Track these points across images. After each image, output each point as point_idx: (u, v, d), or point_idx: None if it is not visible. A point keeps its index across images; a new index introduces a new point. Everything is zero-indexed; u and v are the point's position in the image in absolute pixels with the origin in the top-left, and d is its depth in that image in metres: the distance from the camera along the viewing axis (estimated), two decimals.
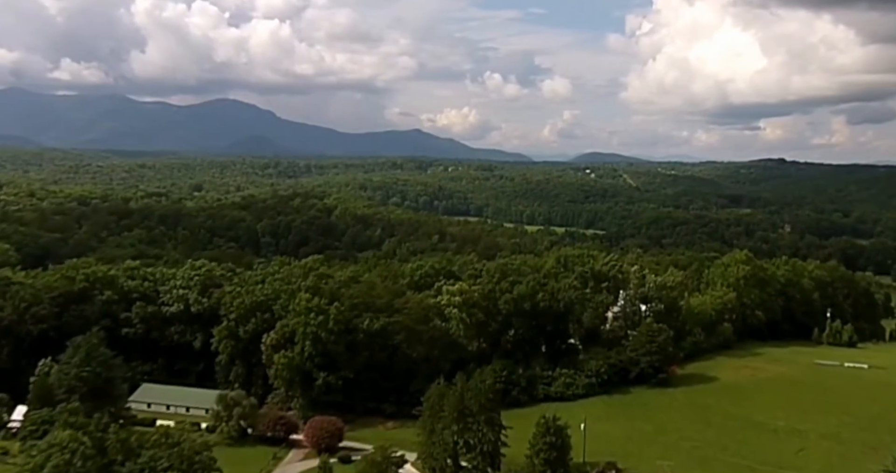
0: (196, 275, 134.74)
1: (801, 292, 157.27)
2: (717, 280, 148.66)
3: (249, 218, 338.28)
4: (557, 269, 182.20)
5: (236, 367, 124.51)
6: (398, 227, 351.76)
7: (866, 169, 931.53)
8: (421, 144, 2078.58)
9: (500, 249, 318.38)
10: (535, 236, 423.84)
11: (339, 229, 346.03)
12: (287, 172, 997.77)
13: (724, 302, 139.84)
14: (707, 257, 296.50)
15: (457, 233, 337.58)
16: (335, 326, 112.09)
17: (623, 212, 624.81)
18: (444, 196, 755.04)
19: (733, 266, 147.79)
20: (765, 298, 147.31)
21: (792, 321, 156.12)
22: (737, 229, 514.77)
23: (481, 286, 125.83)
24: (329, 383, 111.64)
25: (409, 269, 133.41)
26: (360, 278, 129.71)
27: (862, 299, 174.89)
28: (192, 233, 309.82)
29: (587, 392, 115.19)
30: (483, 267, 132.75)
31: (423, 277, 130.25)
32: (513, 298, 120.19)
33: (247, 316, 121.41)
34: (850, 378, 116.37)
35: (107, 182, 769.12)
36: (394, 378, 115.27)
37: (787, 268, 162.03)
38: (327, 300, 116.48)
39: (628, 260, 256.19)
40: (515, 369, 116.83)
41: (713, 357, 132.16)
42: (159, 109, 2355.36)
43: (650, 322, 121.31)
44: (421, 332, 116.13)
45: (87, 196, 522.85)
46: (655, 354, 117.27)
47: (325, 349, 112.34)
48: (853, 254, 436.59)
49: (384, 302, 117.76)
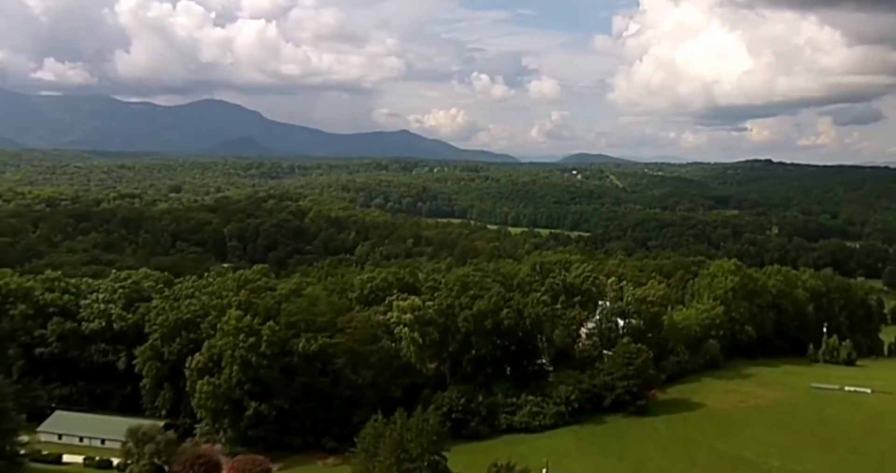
0: (120, 287, 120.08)
1: (794, 305, 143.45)
2: (704, 292, 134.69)
3: (217, 221, 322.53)
4: (533, 277, 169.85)
5: (164, 392, 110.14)
6: (373, 230, 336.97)
7: (853, 170, 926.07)
8: (408, 145, 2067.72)
9: (479, 253, 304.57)
10: (518, 238, 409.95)
11: (311, 233, 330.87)
12: (270, 174, 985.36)
13: (710, 317, 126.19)
14: (693, 261, 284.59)
15: (433, 237, 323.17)
16: (268, 348, 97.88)
17: (609, 213, 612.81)
18: (428, 197, 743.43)
19: (721, 277, 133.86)
20: (755, 311, 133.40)
21: (784, 336, 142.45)
22: (724, 231, 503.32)
23: (438, 301, 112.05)
24: (261, 413, 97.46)
25: (358, 281, 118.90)
26: (304, 291, 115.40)
27: (859, 310, 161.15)
28: (154, 237, 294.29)
29: (556, 422, 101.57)
30: (442, 279, 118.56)
31: (375, 290, 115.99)
32: (472, 315, 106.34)
33: (172, 335, 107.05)
34: (851, 406, 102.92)
35: (84, 183, 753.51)
36: (336, 407, 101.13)
37: (779, 278, 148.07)
38: (262, 318, 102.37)
39: (610, 266, 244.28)
40: (475, 395, 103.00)
41: (699, 379, 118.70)
42: (144, 110, 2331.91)
43: (628, 342, 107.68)
44: (367, 354, 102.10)
45: (56, 197, 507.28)
46: (633, 378, 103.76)
47: (256, 375, 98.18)
48: (843, 257, 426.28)
49: (325, 320, 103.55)
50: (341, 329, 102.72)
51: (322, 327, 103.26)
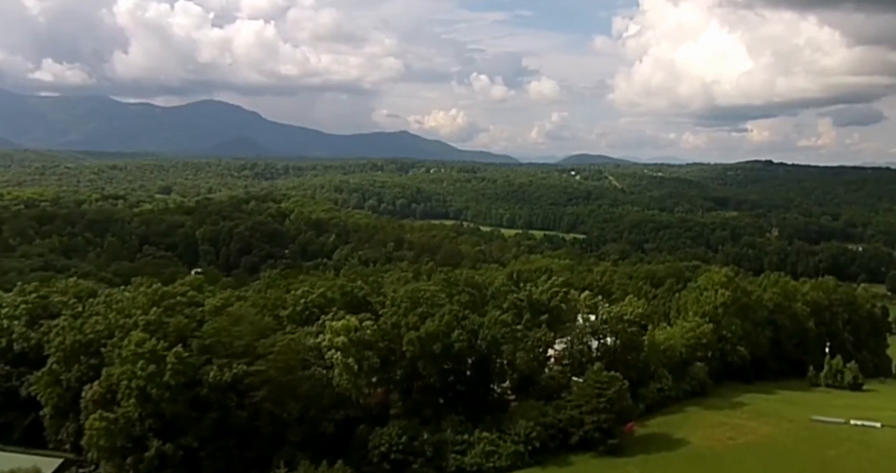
0: (23, 302, 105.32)
1: (792, 320, 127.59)
2: (690, 307, 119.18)
3: (190, 223, 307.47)
4: (508, 287, 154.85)
5: (67, 423, 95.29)
6: (353, 233, 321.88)
7: (853, 171, 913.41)
8: (408, 145, 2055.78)
9: (462, 258, 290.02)
10: (506, 242, 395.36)
11: (289, 236, 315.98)
12: (264, 174, 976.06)
13: (697, 336, 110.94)
14: (688, 266, 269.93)
15: (415, 240, 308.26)
16: (173, 378, 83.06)
17: (606, 215, 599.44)
18: (422, 199, 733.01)
19: (710, 290, 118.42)
20: (749, 329, 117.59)
21: (782, 356, 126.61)
22: (722, 233, 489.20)
23: (384, 319, 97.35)
24: (164, 454, 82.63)
25: (291, 297, 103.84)
26: (231, 307, 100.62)
27: (865, 324, 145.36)
28: (121, 240, 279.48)
29: (513, 463, 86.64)
30: (392, 294, 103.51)
31: (311, 307, 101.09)
32: (418, 337, 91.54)
33: (71, 359, 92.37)
34: (859, 445, 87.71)
35: (73, 184, 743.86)
36: (255, 446, 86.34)
37: (776, 290, 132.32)
38: (173, 341, 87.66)
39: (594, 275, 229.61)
40: (420, 432, 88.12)
41: (683, 408, 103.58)
42: (143, 111, 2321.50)
43: (599, 369, 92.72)
44: (292, 384, 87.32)
45: (35, 199, 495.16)
46: (604, 411, 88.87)
47: (158, 409, 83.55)
48: (845, 261, 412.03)
49: (244, 344, 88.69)
50: (262, 355, 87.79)
51: (240, 352, 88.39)
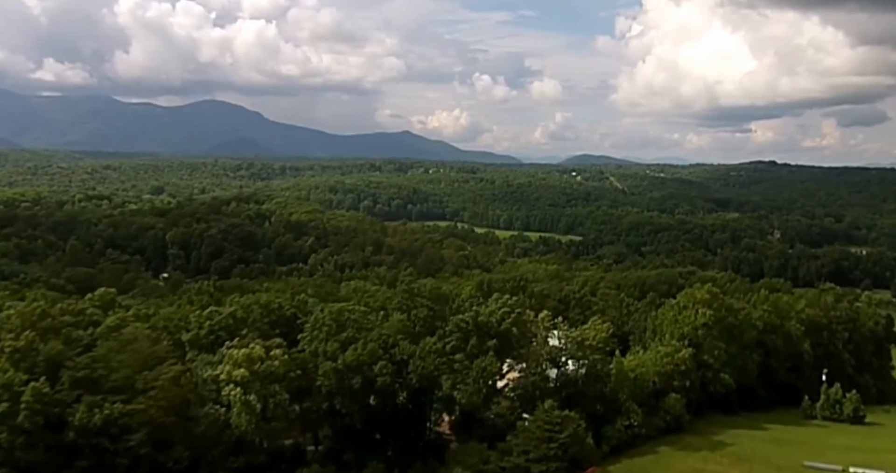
0: None
1: (786, 341, 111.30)
2: (667, 329, 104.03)
3: (161, 226, 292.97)
4: (476, 299, 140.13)
5: None
6: (332, 236, 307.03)
7: (858, 172, 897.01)
8: (411, 146, 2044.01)
9: (445, 263, 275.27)
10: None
11: (266, 239, 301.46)
12: (260, 174, 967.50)
13: (674, 362, 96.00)
14: (682, 273, 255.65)
15: (395, 244, 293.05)
16: (29, 420, 68.90)
17: (604, 216, 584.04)
18: (419, 199, 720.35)
19: (690, 309, 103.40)
20: (735, 353, 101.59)
21: (772, 383, 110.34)
22: (722, 235, 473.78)
23: (301, 345, 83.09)
24: None
25: (196, 317, 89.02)
26: (125, 328, 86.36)
27: (868, 344, 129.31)
28: (86, 244, 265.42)
29: None
30: (316, 314, 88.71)
31: (219, 329, 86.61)
32: (335, 368, 77.18)
33: None
34: None
35: (65, 184, 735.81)
36: None
37: (767, 307, 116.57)
38: (40, 372, 73.45)
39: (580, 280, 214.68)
40: None
41: (655, 448, 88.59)
42: (144, 111, 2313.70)
43: (550, 407, 78.14)
44: (180, 425, 73.09)
45: (16, 199, 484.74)
46: (556, 459, 74.58)
47: (11, 458, 69.43)
48: (848, 266, 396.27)
49: (122, 377, 74.30)
50: (144, 391, 73.48)
51: (119, 386, 74.07)
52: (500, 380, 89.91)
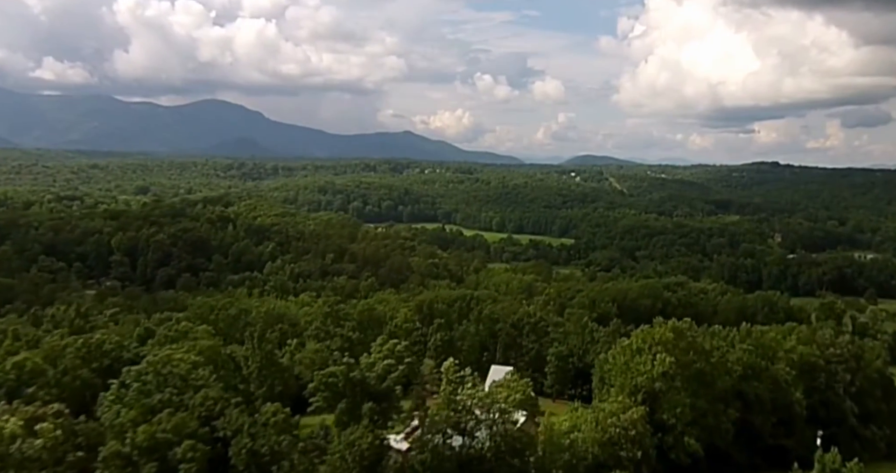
0: None
1: (772, 390, 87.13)
2: (615, 380, 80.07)
3: (109, 230, 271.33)
4: (412, 324, 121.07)
5: None
6: (295, 242, 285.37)
7: (861, 173, 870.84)
8: (412, 146, 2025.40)
9: (412, 271, 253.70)
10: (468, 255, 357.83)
11: (223, 244, 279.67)
12: (251, 174, 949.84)
13: (622, 425, 73.52)
14: (670, 284, 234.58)
15: (359, 251, 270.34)
16: None
17: (600, 219, 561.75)
18: (410, 201, 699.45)
19: (647, 354, 79.75)
20: (704, 408, 78.17)
21: (753, 444, 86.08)
22: (720, 239, 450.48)
23: (101, 410, 61.67)
24: None
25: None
26: None
27: (875, 389, 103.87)
28: (19, 250, 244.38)
29: None
30: (145, 365, 66.93)
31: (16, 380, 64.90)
32: (117, 451, 55.58)
33: None
34: None
35: (49, 183, 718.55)
36: None
37: (748, 346, 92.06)
38: None
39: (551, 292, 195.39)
40: None
41: None
42: (145, 110, 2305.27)
43: None
44: None
45: None
46: None
47: None
48: (851, 273, 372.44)
49: None
50: None
51: None
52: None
